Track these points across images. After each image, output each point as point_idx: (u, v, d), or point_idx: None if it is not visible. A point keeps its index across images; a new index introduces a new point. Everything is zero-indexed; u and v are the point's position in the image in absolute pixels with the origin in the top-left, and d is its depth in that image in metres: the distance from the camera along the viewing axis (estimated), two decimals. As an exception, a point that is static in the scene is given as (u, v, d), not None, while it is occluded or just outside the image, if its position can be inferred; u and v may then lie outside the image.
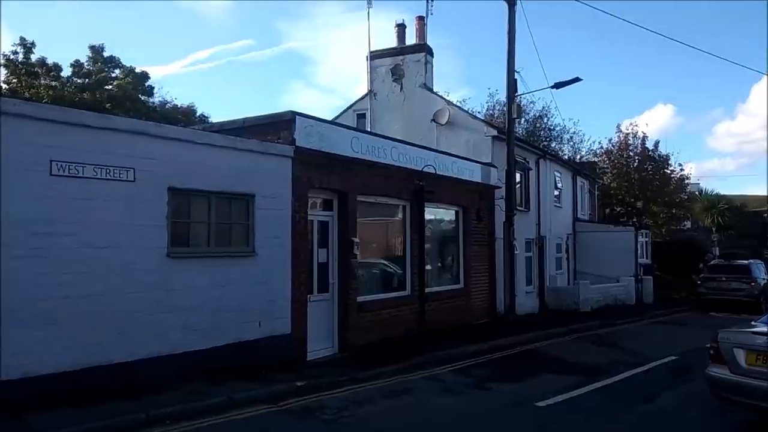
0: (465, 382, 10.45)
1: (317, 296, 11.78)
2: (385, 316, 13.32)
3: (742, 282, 22.50)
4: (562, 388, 9.79)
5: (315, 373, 10.14)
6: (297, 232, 10.94)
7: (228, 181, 9.78)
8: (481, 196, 17.46)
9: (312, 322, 11.38)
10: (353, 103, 20.87)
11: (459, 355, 12.41)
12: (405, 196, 14.20)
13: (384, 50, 20.29)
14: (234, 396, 8.42)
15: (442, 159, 15.46)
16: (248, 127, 11.32)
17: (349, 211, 12.35)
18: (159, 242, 8.82)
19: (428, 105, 19.36)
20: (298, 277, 10.91)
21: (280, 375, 9.72)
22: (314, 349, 11.42)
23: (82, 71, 31.84)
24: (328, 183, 11.87)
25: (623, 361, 12.41)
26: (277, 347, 10.40)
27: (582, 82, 17.17)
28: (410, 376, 10.64)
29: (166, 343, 8.91)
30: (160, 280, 8.83)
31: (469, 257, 16.89)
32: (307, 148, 11.09)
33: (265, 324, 10.29)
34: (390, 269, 14.41)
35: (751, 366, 7.22)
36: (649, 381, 10.78)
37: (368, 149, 12.71)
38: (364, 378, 10.13)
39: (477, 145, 18.60)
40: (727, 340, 7.58)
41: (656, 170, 36.20)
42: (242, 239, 10.15)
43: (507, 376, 11.06)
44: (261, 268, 10.26)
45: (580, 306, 21.14)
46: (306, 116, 11.15)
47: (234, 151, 9.88)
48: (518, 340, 14.58)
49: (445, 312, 15.49)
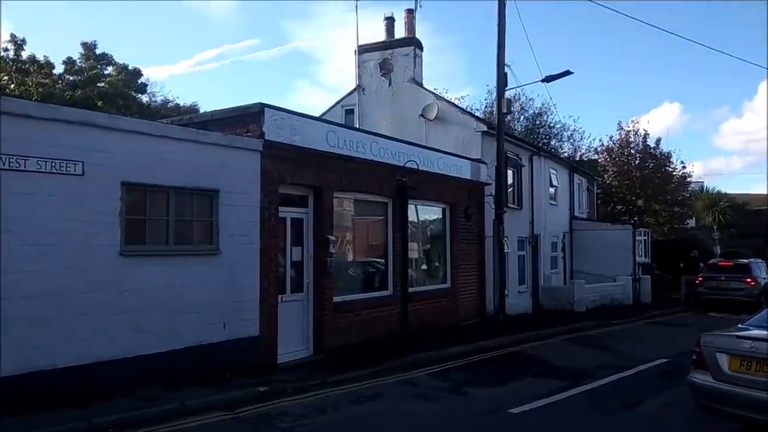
0: (441, 386, 9.94)
1: (290, 296, 11.30)
2: (365, 316, 12.84)
3: (742, 281, 21.87)
4: (543, 393, 9.28)
5: (282, 377, 9.67)
6: (266, 229, 10.46)
7: (190, 175, 9.29)
8: (469, 194, 16.95)
9: (284, 324, 10.90)
10: (341, 99, 20.37)
11: (440, 358, 11.92)
12: (387, 192, 13.70)
13: (372, 44, 19.77)
14: (188, 402, 7.95)
15: (426, 154, 14.95)
16: (217, 120, 10.88)
17: (325, 208, 11.87)
18: (111, 240, 8.34)
19: (417, 100, 18.84)
20: (267, 276, 10.43)
21: (245, 380, 9.25)
22: (286, 352, 10.93)
23: (74, 68, 31.50)
24: (302, 178, 11.38)
25: (612, 364, 11.89)
26: (243, 350, 9.93)
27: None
28: (385, 379, 10.16)
29: (120, 347, 8.43)
30: (113, 279, 8.35)
31: (457, 256, 16.38)
32: (278, 141, 10.60)
33: (230, 326, 9.81)
34: (371, 268, 13.91)
35: (734, 372, 6.71)
36: (636, 385, 10.26)
37: (346, 144, 12.21)
38: (335, 382, 9.65)
39: (467, 140, 18.08)
40: (710, 344, 7.07)
41: (658, 168, 35.69)
42: (205, 237, 9.67)
43: (487, 380, 10.55)
44: (226, 267, 9.78)
45: (575, 306, 20.62)
46: (276, 108, 10.66)
47: (195, 144, 9.39)
48: (505, 341, 14.08)
49: (431, 312, 15.00)
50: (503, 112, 17.25)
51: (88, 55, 31.84)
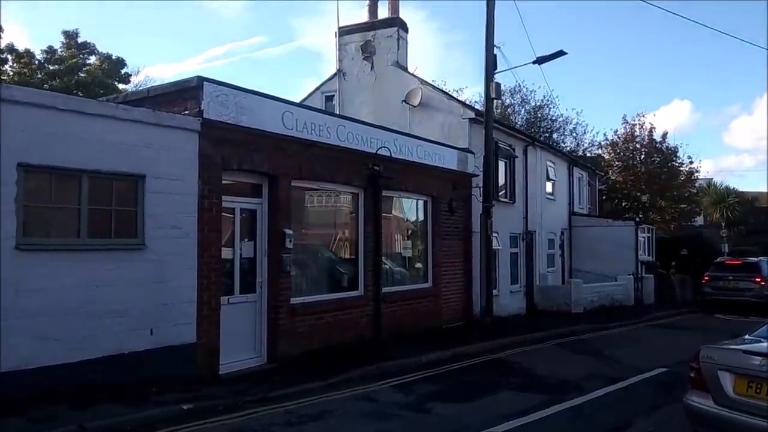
0: (403, 401, 8.63)
1: (239, 298, 10.03)
2: (330, 319, 11.55)
3: (751, 281, 20.42)
4: (518, 410, 8.00)
5: (218, 392, 8.39)
6: (206, 221, 9.16)
7: (108, 157, 8.00)
8: (454, 185, 15.62)
9: (230, 329, 9.62)
10: (321, 84, 19.02)
11: (410, 367, 10.64)
12: (357, 182, 12.39)
13: (354, 25, 18.39)
14: (87, 425, 6.68)
15: (404, 141, 13.63)
16: (154, 96, 9.64)
17: (282, 198, 10.57)
18: (5, 231, 7.07)
19: (401, 85, 17.48)
20: (206, 275, 9.13)
21: (173, 394, 8.00)
22: (232, 361, 9.65)
23: (54, 57, 30.34)
24: (253, 164, 10.08)
25: (603, 374, 10.57)
26: (177, 360, 8.66)
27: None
28: (340, 394, 8.85)
29: (16, 356, 7.17)
30: (7, 278, 7.08)
31: (440, 253, 15.06)
32: (220, 121, 9.30)
33: (159, 332, 8.52)
34: (339, 266, 12.60)
35: (740, 396, 5.40)
36: (628, 401, 8.94)
37: (306, 126, 10.90)
38: (278, 398, 8.36)
39: (453, 128, 16.74)
40: (711, 360, 5.75)
41: (664, 163, 34.28)
42: (128, 229, 8.36)
43: (457, 394, 9.21)
44: (153, 264, 8.48)
45: (572, 307, 19.29)
46: (218, 83, 9.34)
47: (115, 121, 8.09)
48: (488, 346, 12.77)
49: (409, 314, 13.71)
50: (492, 97, 15.89)
51: (69, 44, 30.66)
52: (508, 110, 34.74)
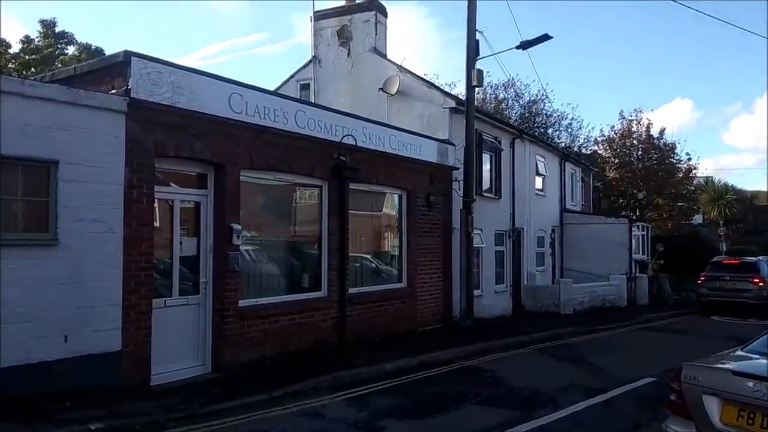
0: (353, 418, 7.64)
1: (178, 300, 9.03)
2: (287, 323, 10.55)
3: (749, 282, 19.38)
4: (479, 430, 7.01)
5: (142, 407, 7.40)
6: (134, 214, 8.14)
7: (12, 140, 6.98)
8: (432, 179, 14.59)
9: (166, 335, 8.62)
10: (295, 72, 17.97)
11: (370, 377, 9.65)
12: (320, 174, 11.38)
13: (330, 9, 17.35)
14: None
15: (374, 130, 12.61)
16: (81, 75, 8.66)
17: (229, 190, 9.55)
18: None
19: (379, 72, 16.45)
20: (135, 274, 8.12)
21: (87, 411, 7.00)
22: (168, 371, 8.64)
23: (30, 47, 29.38)
24: (193, 151, 9.06)
25: (583, 384, 9.58)
26: (97, 370, 7.65)
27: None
28: (282, 409, 7.87)
29: None
30: None
31: (416, 251, 14.03)
32: (152, 101, 8.26)
33: (75, 338, 7.51)
34: (298, 264, 11.59)
35: (728, 426, 4.42)
36: (605, 419, 7.95)
37: (258, 111, 9.87)
38: (208, 414, 7.38)
39: (433, 118, 15.71)
40: (695, 381, 4.76)
41: (661, 160, 33.30)
42: (38, 222, 7.34)
43: (416, 409, 8.20)
44: (68, 262, 7.45)
45: (560, 308, 18.33)
46: (150, 58, 8.30)
47: (21, 98, 7.06)
48: (462, 352, 11.77)
49: (380, 317, 12.71)
50: (473, 84, 14.91)
51: (46, 33, 29.73)
52: (502, 105, 33.78)
